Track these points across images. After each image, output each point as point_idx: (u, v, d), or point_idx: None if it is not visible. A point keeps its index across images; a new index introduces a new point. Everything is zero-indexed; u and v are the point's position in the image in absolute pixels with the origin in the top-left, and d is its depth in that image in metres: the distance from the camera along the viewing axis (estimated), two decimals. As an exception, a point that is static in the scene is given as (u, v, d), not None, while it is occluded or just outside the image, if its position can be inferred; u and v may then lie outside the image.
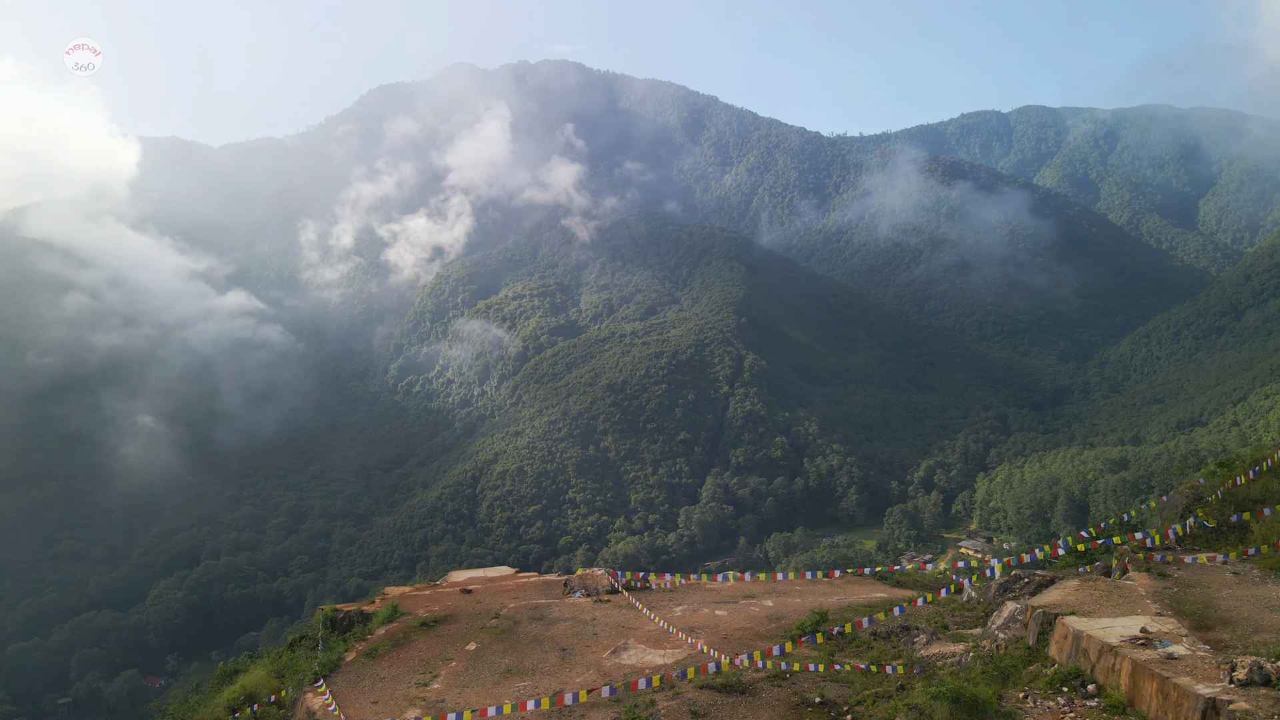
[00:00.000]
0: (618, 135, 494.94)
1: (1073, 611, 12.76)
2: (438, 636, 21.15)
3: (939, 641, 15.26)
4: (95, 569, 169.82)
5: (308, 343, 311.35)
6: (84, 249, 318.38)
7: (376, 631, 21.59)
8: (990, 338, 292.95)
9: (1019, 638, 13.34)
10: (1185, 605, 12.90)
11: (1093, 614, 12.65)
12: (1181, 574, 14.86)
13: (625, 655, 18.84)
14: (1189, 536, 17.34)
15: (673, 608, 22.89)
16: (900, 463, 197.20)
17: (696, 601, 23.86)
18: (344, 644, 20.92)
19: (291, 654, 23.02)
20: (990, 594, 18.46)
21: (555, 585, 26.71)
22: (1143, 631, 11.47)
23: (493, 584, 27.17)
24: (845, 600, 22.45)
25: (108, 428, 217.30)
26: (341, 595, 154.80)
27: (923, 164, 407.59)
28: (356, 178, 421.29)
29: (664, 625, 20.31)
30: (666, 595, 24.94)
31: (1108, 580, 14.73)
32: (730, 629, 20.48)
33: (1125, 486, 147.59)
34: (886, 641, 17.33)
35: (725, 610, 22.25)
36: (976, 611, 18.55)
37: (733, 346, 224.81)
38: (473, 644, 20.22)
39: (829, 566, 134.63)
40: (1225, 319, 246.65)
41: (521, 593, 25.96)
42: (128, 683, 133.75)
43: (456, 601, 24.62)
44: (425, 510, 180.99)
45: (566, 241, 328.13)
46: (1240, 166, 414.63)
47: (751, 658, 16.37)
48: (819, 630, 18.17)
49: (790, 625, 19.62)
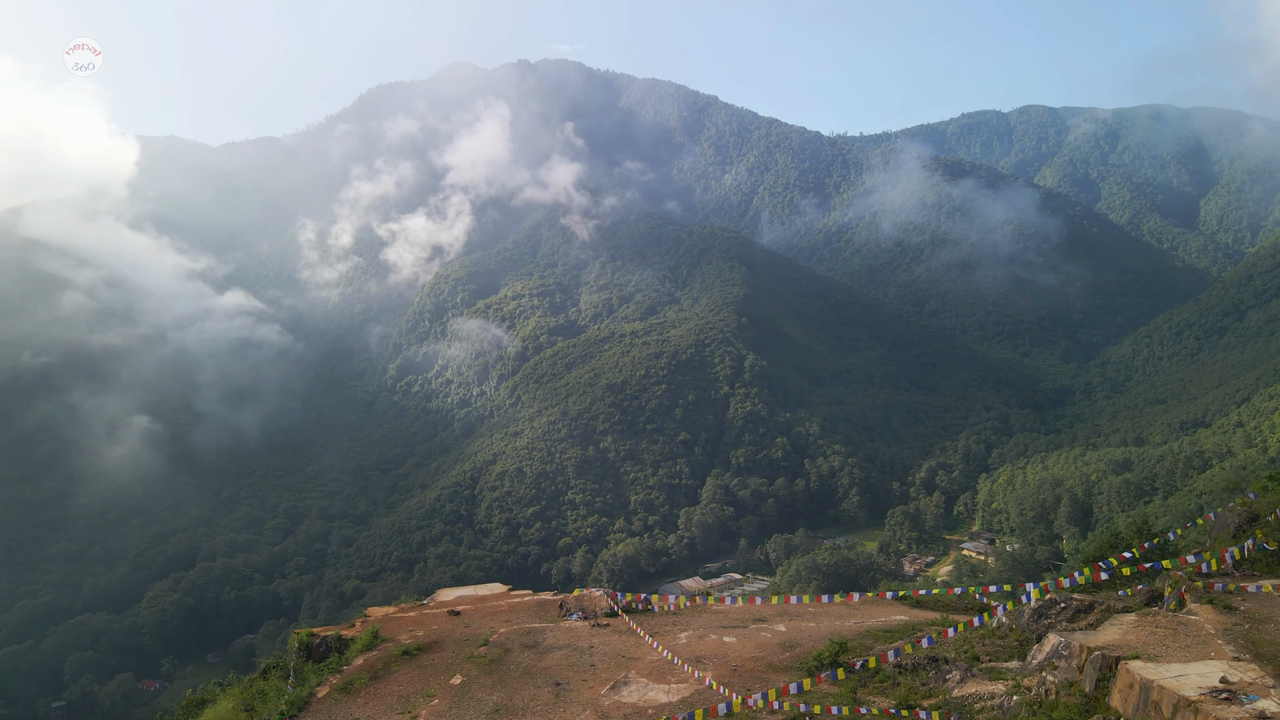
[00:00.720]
0: (618, 134, 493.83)
1: (1136, 655, 11.21)
2: (420, 667, 19.41)
3: (974, 679, 13.76)
4: (90, 570, 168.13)
5: (306, 342, 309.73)
6: (82, 248, 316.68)
7: (354, 661, 19.83)
8: (991, 338, 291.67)
9: (1071, 681, 11.83)
10: (1263, 646, 11.39)
11: (1160, 658, 11.11)
12: (1249, 606, 13.32)
13: (626, 691, 17.16)
14: (1246, 560, 15.84)
15: (677, 633, 21.21)
16: (902, 464, 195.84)
17: (702, 626, 22.19)
18: (318, 675, 19.25)
19: (263, 683, 21.31)
20: (1024, 620, 16.93)
21: (550, 606, 24.96)
22: (1223, 682, 9.97)
23: (483, 604, 25.41)
24: (863, 624, 20.84)
25: (102, 428, 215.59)
26: (339, 597, 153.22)
27: (927, 161, 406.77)
28: (355, 177, 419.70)
29: (668, 655, 18.67)
30: (670, 619, 23.23)
31: (1169, 615, 13.21)
32: (740, 658, 18.83)
33: (1129, 488, 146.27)
34: (914, 676, 15.79)
35: (734, 637, 20.56)
36: (1009, 640, 17.01)
37: (733, 346, 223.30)
38: (458, 677, 18.48)
39: (840, 584, 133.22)
40: (1227, 319, 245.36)
41: (514, 614, 24.27)
42: (122, 686, 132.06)
43: (443, 625, 22.94)
44: (423, 512, 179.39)
45: (566, 241, 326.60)
46: (1241, 166, 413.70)
47: (766, 697, 14.83)
48: (839, 663, 16.62)
49: (806, 655, 18.01)
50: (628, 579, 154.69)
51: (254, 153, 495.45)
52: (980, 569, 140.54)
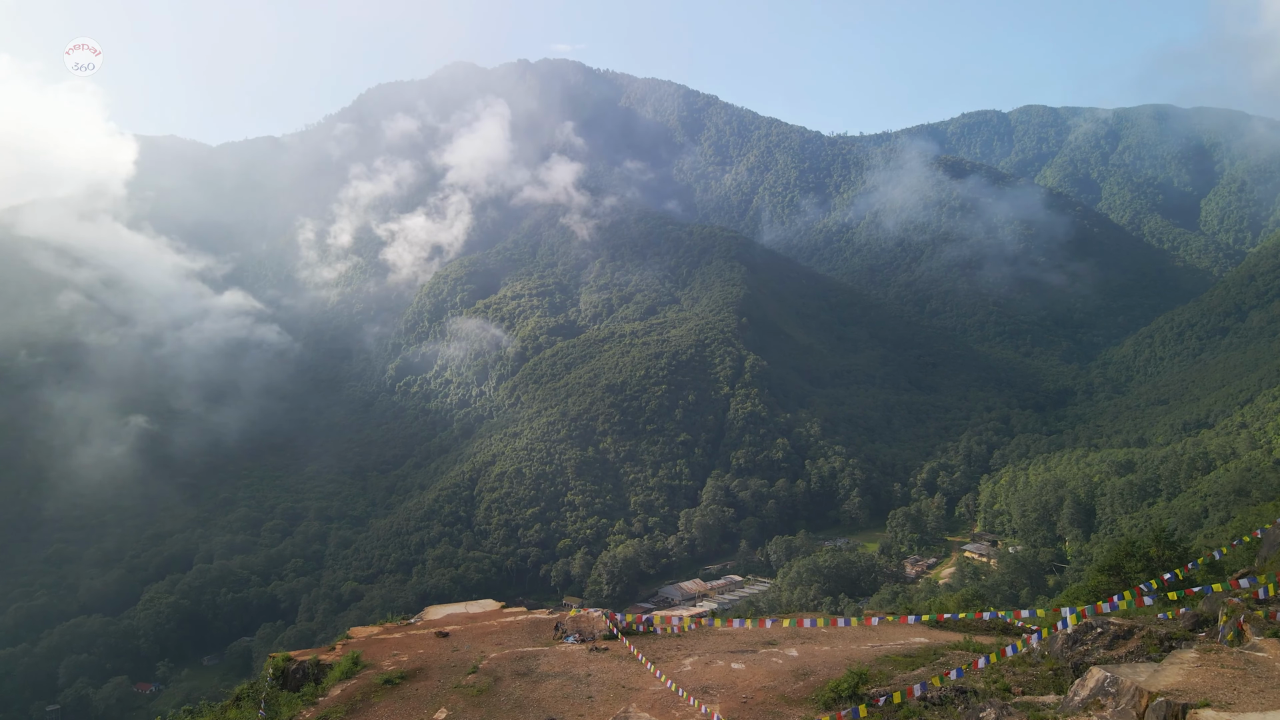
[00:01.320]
0: (617, 134, 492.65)
1: (1207, 702, 9.91)
2: (402, 699, 17.90)
3: (1010, 718, 12.46)
4: (86, 572, 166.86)
5: (305, 343, 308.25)
6: (79, 248, 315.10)
7: (331, 692, 18.35)
8: (992, 338, 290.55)
9: (1127, 729, 10.54)
10: (1346, 692, 10.14)
11: (1233, 705, 9.83)
12: (1319, 641, 12.06)
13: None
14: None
15: (681, 659, 19.80)
16: (903, 464, 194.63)
17: (709, 651, 20.72)
18: (291, 707, 17.86)
19: (235, 711, 19.92)
20: (1057, 646, 15.64)
21: (545, 626, 23.49)
22: (1311, 738, 8.75)
23: (474, 624, 23.94)
24: (880, 648, 19.43)
25: (98, 428, 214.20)
26: (336, 599, 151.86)
27: (930, 158, 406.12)
28: (355, 176, 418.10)
29: (671, 686, 17.30)
30: (673, 642, 21.74)
31: (1232, 652, 11.93)
32: (750, 688, 17.39)
33: (1133, 490, 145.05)
34: (941, 711, 14.46)
35: (743, 663, 19.11)
36: (1042, 669, 15.69)
37: (733, 347, 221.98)
38: (443, 711, 16.99)
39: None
40: (1229, 319, 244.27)
41: (506, 636, 22.80)
42: (117, 689, 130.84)
43: (430, 648, 21.50)
44: (422, 513, 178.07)
45: (566, 241, 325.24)
46: (1242, 166, 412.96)
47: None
48: (860, 695, 15.30)
49: (821, 685, 16.62)
50: (627, 581, 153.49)
51: (253, 152, 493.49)
52: (983, 571, 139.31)
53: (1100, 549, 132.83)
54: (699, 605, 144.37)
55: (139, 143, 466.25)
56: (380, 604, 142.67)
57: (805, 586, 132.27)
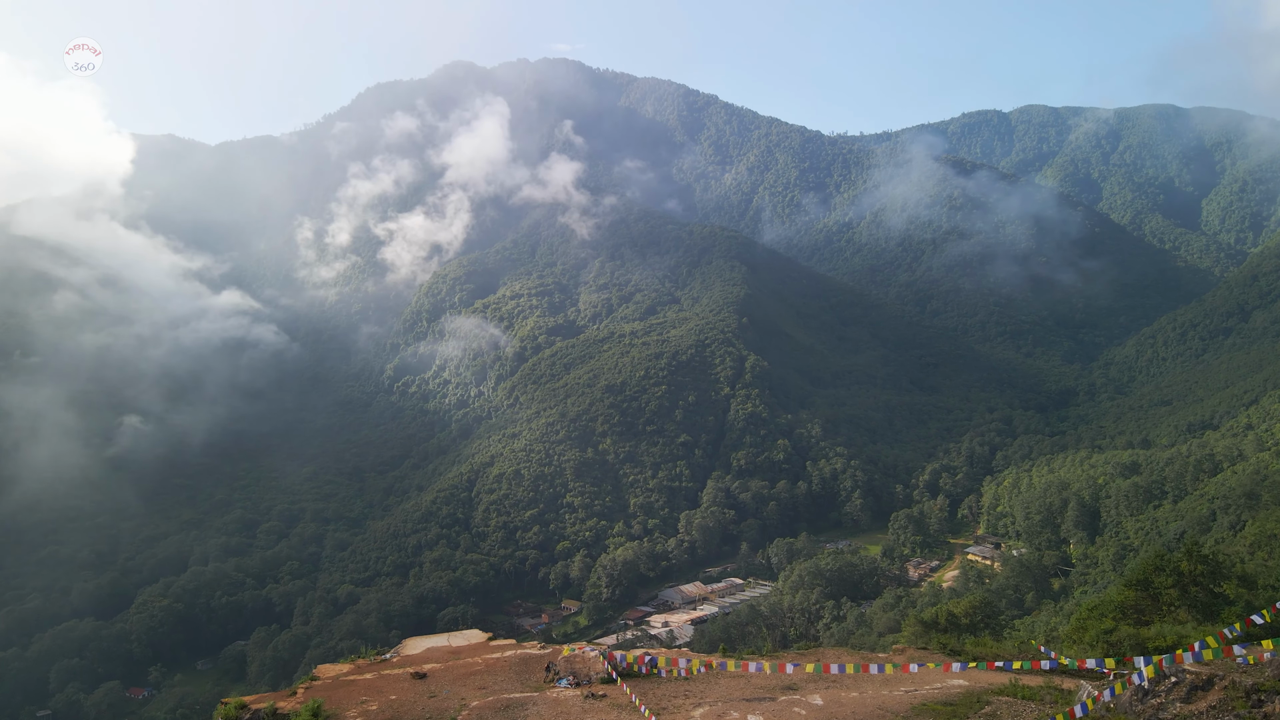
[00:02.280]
0: (617, 133, 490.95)
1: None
2: (371, 761, 16.12)
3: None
4: (79, 575, 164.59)
5: (302, 342, 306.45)
6: (76, 247, 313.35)
7: (287, 751, 16.56)
8: (994, 338, 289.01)
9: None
10: None
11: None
12: None
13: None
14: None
15: (689, 709, 17.74)
16: (905, 466, 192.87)
17: (721, 698, 18.64)
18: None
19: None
20: (1126, 699, 13.89)
21: (536, 664, 21.35)
22: None
23: (456, 661, 21.73)
24: (915, 694, 17.52)
25: (93, 428, 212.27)
26: (332, 603, 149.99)
27: (935, 155, 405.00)
28: (354, 175, 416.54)
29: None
30: (680, 686, 19.70)
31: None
32: (769, 745, 15.65)
33: (1138, 492, 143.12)
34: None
35: (760, 714, 17.08)
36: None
37: (734, 347, 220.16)
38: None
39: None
40: (1232, 320, 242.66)
41: (491, 677, 20.74)
42: (109, 694, 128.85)
43: (404, 693, 19.46)
44: (419, 515, 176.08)
45: (565, 240, 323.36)
46: (1243, 166, 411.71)
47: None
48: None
49: (850, 741, 14.90)
50: (627, 584, 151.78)
51: (252, 151, 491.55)
52: (987, 574, 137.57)
53: (1106, 552, 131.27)
54: (700, 608, 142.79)
55: (136, 141, 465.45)
56: (376, 608, 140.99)
57: (807, 590, 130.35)
